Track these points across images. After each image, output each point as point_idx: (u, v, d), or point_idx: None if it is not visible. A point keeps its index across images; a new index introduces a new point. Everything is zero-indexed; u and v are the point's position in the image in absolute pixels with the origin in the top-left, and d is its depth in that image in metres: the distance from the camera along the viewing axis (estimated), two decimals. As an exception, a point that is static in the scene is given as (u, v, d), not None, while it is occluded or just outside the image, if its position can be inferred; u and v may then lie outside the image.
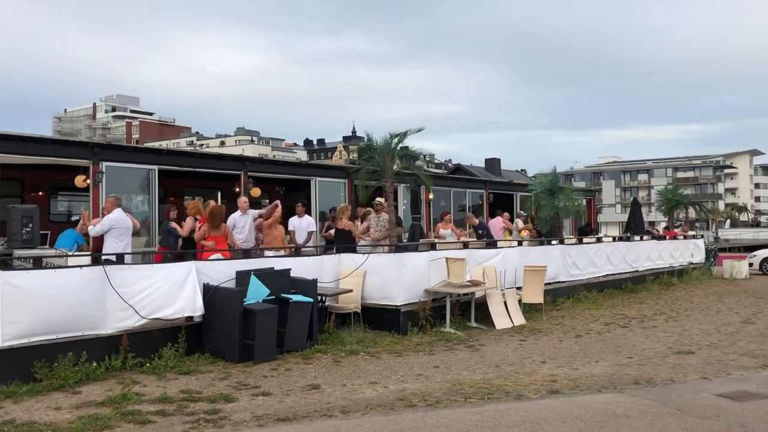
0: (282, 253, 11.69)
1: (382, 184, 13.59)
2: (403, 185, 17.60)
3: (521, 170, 78.12)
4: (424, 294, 11.40)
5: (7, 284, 7.35)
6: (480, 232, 16.46)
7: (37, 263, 7.98)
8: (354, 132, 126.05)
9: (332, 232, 14.47)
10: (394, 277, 11.12)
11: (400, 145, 13.31)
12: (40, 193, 15.18)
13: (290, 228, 13.62)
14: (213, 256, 10.18)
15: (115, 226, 10.17)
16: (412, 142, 14.11)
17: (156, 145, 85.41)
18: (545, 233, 18.18)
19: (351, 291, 10.90)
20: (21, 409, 6.55)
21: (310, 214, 16.48)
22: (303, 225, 13.56)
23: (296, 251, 11.70)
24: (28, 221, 9.23)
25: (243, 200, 12.61)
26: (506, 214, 19.15)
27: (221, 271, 9.35)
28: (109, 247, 10.15)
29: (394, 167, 13.66)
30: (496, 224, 18.39)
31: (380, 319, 10.96)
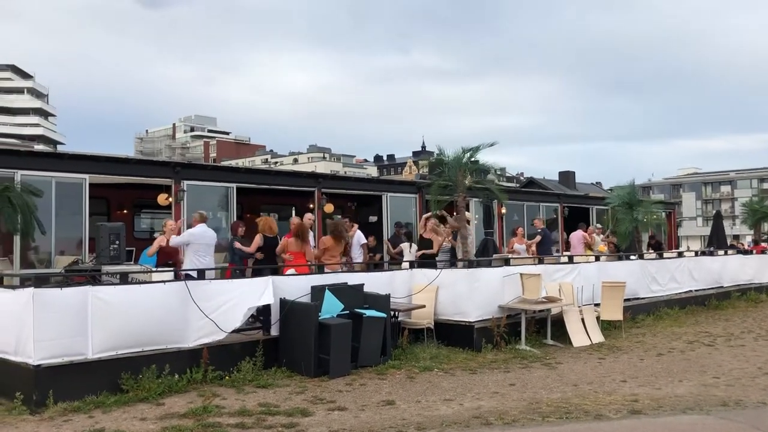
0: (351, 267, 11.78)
1: (454, 198, 13.54)
2: (476, 200, 17.49)
3: (596, 183, 76.24)
4: (499, 310, 11.27)
5: (97, 298, 7.69)
6: (540, 237, 16.23)
7: (124, 279, 8.32)
8: (423, 147, 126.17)
9: (405, 246, 14.49)
10: (467, 292, 11.05)
11: (472, 159, 13.24)
12: (125, 211, 15.90)
13: (363, 239, 13.81)
14: (289, 271, 10.35)
15: (194, 241, 10.50)
16: (484, 156, 14.03)
17: (233, 163, 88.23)
18: (624, 248, 17.64)
19: (424, 306, 10.87)
20: (109, 419, 6.82)
21: (381, 230, 16.59)
22: (354, 240, 13.64)
23: (375, 266, 11.76)
24: (115, 238, 9.65)
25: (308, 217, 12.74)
26: (590, 228, 18.75)
27: (297, 286, 9.50)
28: (190, 262, 10.50)
29: (466, 182, 13.59)
30: (577, 238, 17.98)
31: (453, 335, 10.89)
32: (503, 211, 19.79)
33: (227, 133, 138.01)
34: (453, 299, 11.10)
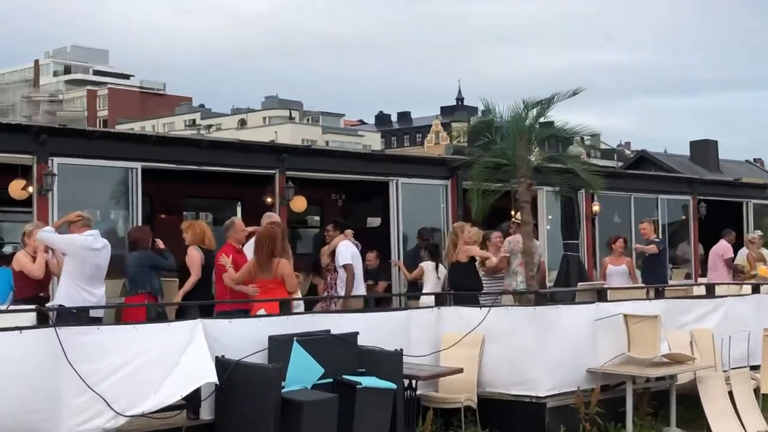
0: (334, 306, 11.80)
1: (511, 187, 13.50)
2: (548, 189, 17.45)
3: (754, 160, 75.96)
4: (588, 378, 11.32)
5: None
6: (657, 250, 16.22)
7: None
8: (459, 101, 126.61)
9: (428, 268, 14.50)
10: (534, 347, 11.09)
11: (542, 119, 13.21)
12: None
13: (349, 258, 13.72)
14: (259, 312, 10.43)
15: (79, 258, 10.50)
16: (562, 115, 14.00)
17: (137, 128, 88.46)
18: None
19: (461, 371, 10.85)
20: None
21: (388, 240, 16.58)
22: (338, 258, 13.77)
23: (377, 303, 11.75)
24: None
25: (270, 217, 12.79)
26: (748, 236, 18.77)
27: (244, 336, 9.48)
28: (66, 294, 10.47)
29: (532, 158, 13.55)
30: (720, 254, 17.95)
31: (510, 418, 10.94)
32: (596, 208, 19.74)
33: (127, 78, 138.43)
34: (510, 358, 11.11)
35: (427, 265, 14.79)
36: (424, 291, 14.24)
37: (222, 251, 11.74)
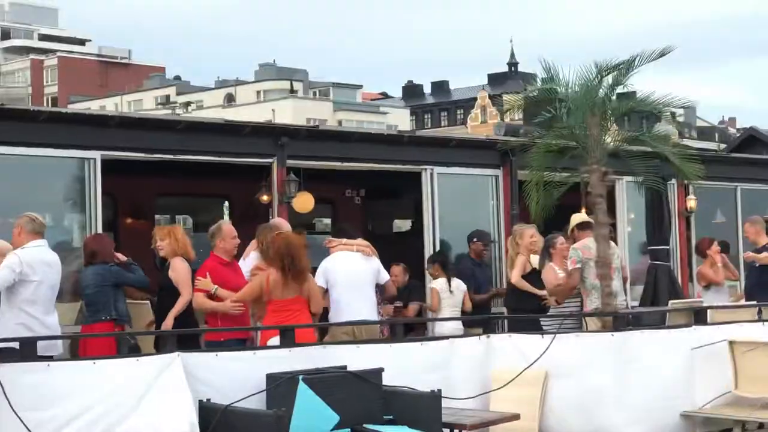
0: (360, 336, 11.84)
1: (581, 177, 13.49)
2: (629, 179, 17.45)
3: None
4: (682, 424, 11.34)
5: None
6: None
7: None
8: (513, 66, 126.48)
9: (440, 288, 14.52)
10: (611, 385, 11.13)
11: (621, 88, 13.19)
12: None
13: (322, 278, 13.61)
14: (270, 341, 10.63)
15: (25, 277, 10.63)
16: (646, 84, 13.95)
17: (96, 107, 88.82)
18: None
19: (517, 417, 10.83)
20: None
21: (422, 249, 16.60)
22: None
23: (407, 330, 11.75)
24: None
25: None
26: None
27: (235, 374, 9.55)
28: (10, 323, 10.64)
29: (608, 139, 13.54)
30: None
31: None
32: (691, 204, 19.69)
33: (82, 43, 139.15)
34: (581, 400, 11.13)
35: (439, 285, 14.84)
36: (439, 316, 14.30)
37: (205, 266, 11.83)
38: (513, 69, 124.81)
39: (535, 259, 14.52)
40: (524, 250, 14.09)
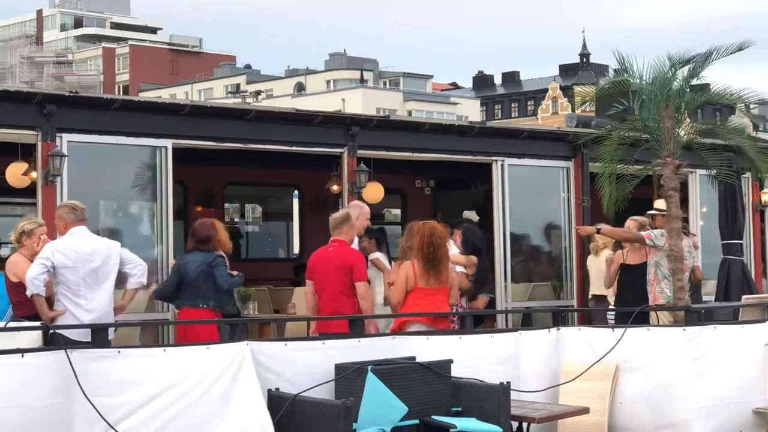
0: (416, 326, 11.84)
1: (653, 170, 13.39)
2: (702, 172, 17.33)
3: None
4: (755, 420, 11.25)
5: None
6: None
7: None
8: (584, 57, 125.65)
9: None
10: (682, 380, 11.06)
11: (694, 79, 13.05)
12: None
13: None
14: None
15: (63, 266, 10.75)
16: (721, 77, 13.81)
17: (166, 96, 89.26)
18: None
19: (586, 411, 10.79)
20: None
21: (492, 239, 16.55)
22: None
23: (476, 322, 11.74)
24: None
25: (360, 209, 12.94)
26: None
27: (304, 364, 9.61)
28: (65, 313, 10.77)
29: (681, 132, 13.41)
30: None
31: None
32: (765, 197, 19.46)
33: (153, 32, 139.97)
34: (651, 394, 11.08)
35: (381, 256, 14.96)
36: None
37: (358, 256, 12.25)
38: (585, 60, 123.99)
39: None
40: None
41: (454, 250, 13.79)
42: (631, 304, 13.28)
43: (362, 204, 13.47)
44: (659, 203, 14.18)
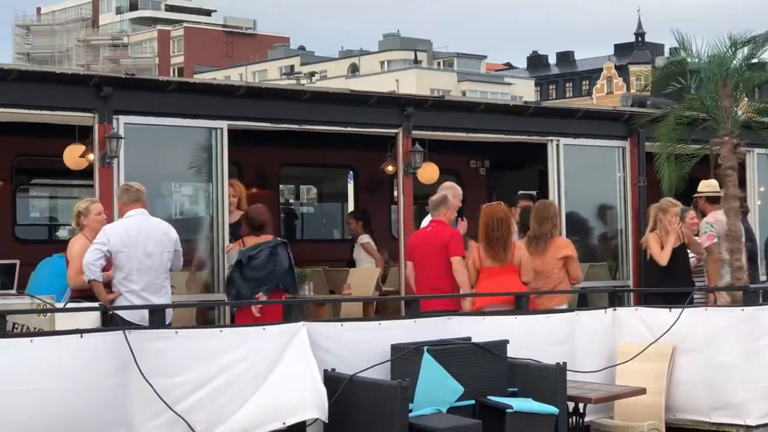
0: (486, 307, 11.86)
1: (710, 149, 13.29)
2: (760, 151, 17.27)
3: None
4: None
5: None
6: None
7: (-2, 325, 8.56)
8: (640, 36, 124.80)
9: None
10: (740, 361, 11.00)
11: (753, 60, 12.94)
12: (-5, 182, 16.50)
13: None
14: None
15: (117, 249, 10.89)
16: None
17: (221, 77, 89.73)
18: None
19: (643, 391, 10.75)
20: None
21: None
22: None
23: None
24: None
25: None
26: None
27: (359, 344, 9.64)
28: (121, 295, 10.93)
29: (739, 111, 13.29)
30: None
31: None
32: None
33: (208, 14, 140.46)
34: (709, 375, 11.04)
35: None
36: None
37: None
38: (640, 39, 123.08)
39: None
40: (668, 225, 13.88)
41: None
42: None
43: (455, 185, 13.82)
44: (703, 185, 14.06)
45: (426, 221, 13.40)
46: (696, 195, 14.51)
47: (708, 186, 14.15)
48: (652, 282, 13.79)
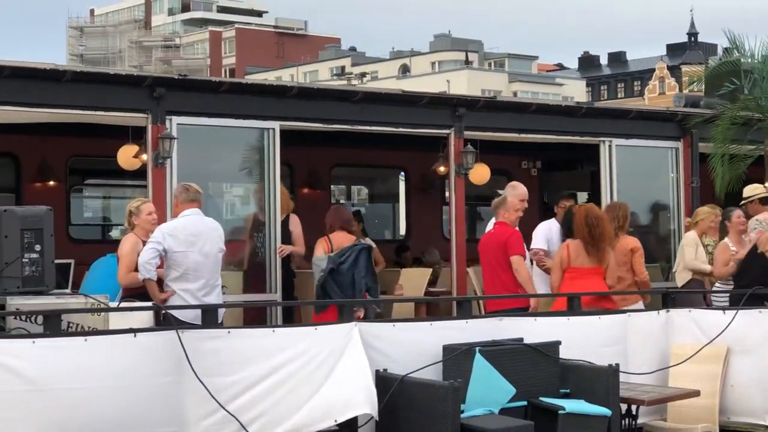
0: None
1: (764, 149, 13.20)
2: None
3: None
4: None
5: (-3, 365, 8.05)
6: None
7: (52, 325, 8.62)
8: (692, 36, 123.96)
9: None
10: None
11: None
12: (51, 183, 16.58)
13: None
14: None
15: (172, 249, 10.95)
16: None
17: (272, 78, 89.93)
18: None
19: (697, 393, 10.68)
20: None
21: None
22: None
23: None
24: (32, 239, 9.85)
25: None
26: None
27: (411, 345, 9.62)
28: (174, 294, 11.01)
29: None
30: None
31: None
32: None
33: (259, 15, 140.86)
34: (763, 377, 10.93)
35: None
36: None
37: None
38: (693, 39, 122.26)
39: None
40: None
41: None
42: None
43: (516, 184, 13.61)
44: (749, 189, 13.91)
45: (491, 224, 13.40)
46: (745, 199, 14.38)
47: (755, 189, 14.02)
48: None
